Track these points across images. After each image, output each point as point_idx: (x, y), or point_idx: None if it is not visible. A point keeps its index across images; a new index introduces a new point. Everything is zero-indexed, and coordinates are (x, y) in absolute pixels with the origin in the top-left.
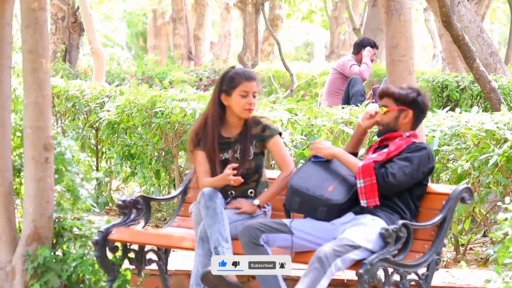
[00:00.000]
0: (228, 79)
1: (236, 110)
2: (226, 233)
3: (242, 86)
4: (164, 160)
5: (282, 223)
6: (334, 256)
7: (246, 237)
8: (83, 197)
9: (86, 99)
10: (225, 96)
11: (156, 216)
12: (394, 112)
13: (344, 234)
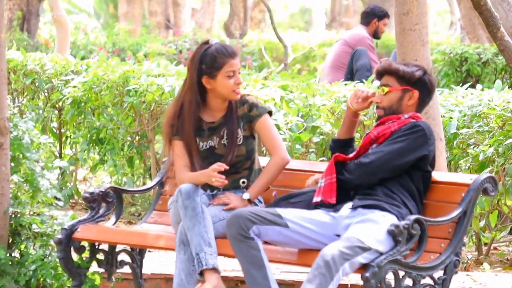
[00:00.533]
0: (209, 59)
1: (223, 92)
2: (208, 236)
3: (228, 65)
4: (138, 146)
5: (276, 214)
6: (343, 259)
7: (234, 228)
8: (44, 189)
9: (47, 75)
10: (208, 79)
11: (129, 210)
12: (398, 92)
13: (352, 232)
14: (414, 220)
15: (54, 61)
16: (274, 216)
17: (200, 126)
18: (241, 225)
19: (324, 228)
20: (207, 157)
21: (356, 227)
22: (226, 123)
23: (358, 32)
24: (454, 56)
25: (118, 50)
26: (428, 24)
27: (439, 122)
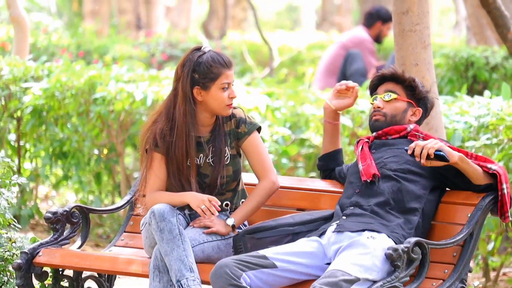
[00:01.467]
0: (204, 69)
1: (214, 106)
2: (189, 260)
3: (223, 76)
4: (106, 160)
5: (260, 256)
6: None
7: (223, 280)
8: (1, 209)
9: (4, 81)
10: (200, 90)
11: (96, 232)
12: (403, 103)
13: (336, 264)
14: (415, 243)
15: (12, 65)
16: (259, 258)
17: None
18: (230, 275)
19: (313, 258)
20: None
21: (342, 255)
22: (214, 139)
23: (358, 34)
24: (459, 60)
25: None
26: (430, 25)
27: (442, 134)
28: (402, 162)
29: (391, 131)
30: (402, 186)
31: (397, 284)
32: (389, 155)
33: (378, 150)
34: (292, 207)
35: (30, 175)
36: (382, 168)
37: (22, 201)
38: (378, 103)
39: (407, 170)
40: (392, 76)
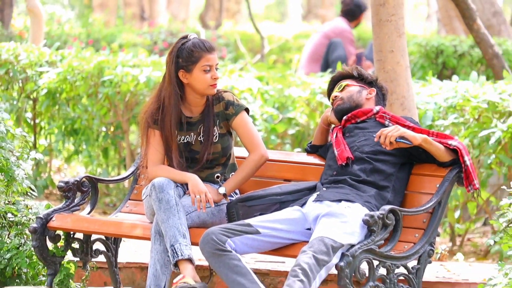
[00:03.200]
0: (186, 53)
1: (199, 87)
2: (183, 228)
3: (204, 59)
4: (113, 137)
5: (245, 224)
6: (319, 266)
7: (210, 245)
8: (19, 179)
9: (21, 65)
10: (184, 73)
11: (103, 201)
12: (355, 87)
13: (321, 230)
14: (389, 210)
15: (29, 51)
16: (244, 226)
17: (180, 120)
18: (216, 241)
19: (295, 224)
20: (184, 151)
21: (324, 223)
22: (203, 120)
23: (339, 25)
24: (430, 48)
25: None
26: (404, 15)
27: (414, 114)
28: (373, 144)
29: (359, 113)
30: (374, 166)
31: (373, 247)
32: (361, 139)
33: (351, 134)
34: (279, 178)
35: (44, 150)
36: (355, 151)
37: (37, 173)
38: (335, 94)
39: (378, 151)
40: (339, 76)
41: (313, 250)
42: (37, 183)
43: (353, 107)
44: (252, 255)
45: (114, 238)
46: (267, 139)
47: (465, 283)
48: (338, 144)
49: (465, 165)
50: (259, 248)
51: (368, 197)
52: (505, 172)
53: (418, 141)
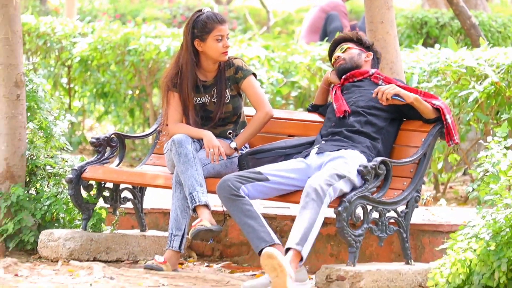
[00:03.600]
0: (200, 25)
1: (212, 55)
2: (200, 178)
3: (217, 30)
4: (138, 99)
5: (256, 172)
6: (326, 185)
7: (226, 191)
8: (56, 135)
9: (57, 37)
10: (199, 42)
11: (130, 155)
12: (355, 50)
13: (327, 167)
14: (380, 162)
15: (64, 24)
16: (255, 173)
17: (196, 83)
18: (231, 187)
19: (300, 173)
20: (199, 111)
21: (329, 164)
22: (216, 83)
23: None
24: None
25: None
26: None
27: (402, 77)
28: (367, 100)
29: (356, 74)
30: (367, 119)
31: (366, 194)
32: (357, 95)
33: (348, 91)
34: (284, 134)
35: (78, 111)
36: (352, 105)
37: (72, 131)
38: (337, 54)
39: (372, 107)
40: (341, 38)
41: (320, 176)
42: (72, 140)
43: (354, 67)
44: (261, 202)
45: (139, 187)
46: (273, 100)
47: (447, 225)
48: (337, 99)
49: (446, 122)
50: (267, 194)
51: (363, 147)
52: (481, 127)
53: (410, 99)
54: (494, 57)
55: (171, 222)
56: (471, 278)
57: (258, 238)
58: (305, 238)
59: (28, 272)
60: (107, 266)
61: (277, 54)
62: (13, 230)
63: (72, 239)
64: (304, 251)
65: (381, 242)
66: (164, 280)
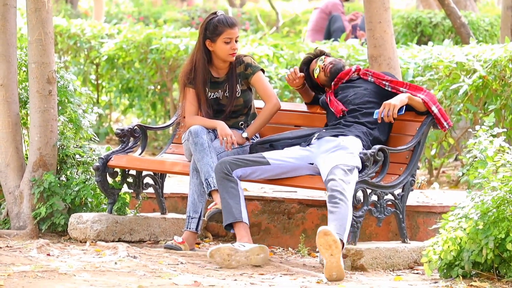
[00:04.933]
0: (212, 27)
1: (220, 55)
2: (214, 165)
3: (226, 33)
4: (159, 93)
5: (259, 156)
6: (346, 184)
7: (220, 169)
8: (85, 127)
9: (87, 37)
10: (210, 42)
11: (152, 145)
12: (329, 57)
13: (335, 161)
14: (379, 149)
15: (92, 26)
16: (258, 157)
17: (209, 79)
18: (224, 167)
19: (300, 159)
20: (213, 105)
21: (334, 156)
22: (228, 79)
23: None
24: (410, 19)
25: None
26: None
27: (398, 71)
28: (361, 96)
29: (342, 75)
30: (364, 112)
31: (366, 178)
32: (351, 94)
33: (343, 91)
34: (291, 124)
35: (105, 105)
36: (349, 104)
37: (100, 123)
38: (320, 64)
39: (366, 101)
40: (309, 59)
41: (335, 176)
42: (100, 131)
43: (342, 66)
44: (271, 187)
45: (160, 174)
46: (281, 94)
47: (440, 206)
48: (332, 104)
49: (433, 113)
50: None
51: (359, 132)
52: (471, 117)
53: (406, 102)
54: (482, 53)
55: (188, 206)
56: (462, 255)
57: (229, 213)
58: (344, 229)
59: (59, 252)
60: (131, 246)
61: (285, 51)
62: (45, 213)
63: (99, 221)
64: (344, 239)
65: (380, 222)
66: (182, 258)
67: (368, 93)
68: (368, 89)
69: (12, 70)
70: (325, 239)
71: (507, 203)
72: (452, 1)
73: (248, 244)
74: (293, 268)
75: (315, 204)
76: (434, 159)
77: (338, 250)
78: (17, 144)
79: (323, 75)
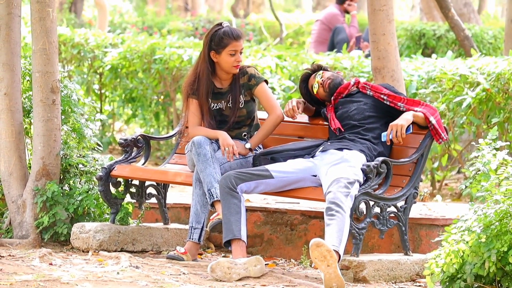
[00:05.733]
0: (217, 39)
1: (224, 66)
2: (217, 176)
3: (231, 46)
4: (162, 103)
5: (263, 169)
6: (344, 197)
7: (224, 183)
8: (88, 136)
9: (90, 47)
10: (215, 53)
11: (155, 155)
12: (327, 72)
13: (336, 174)
14: (382, 161)
15: (96, 35)
16: (261, 171)
17: (212, 90)
18: (229, 182)
19: (304, 172)
20: (216, 115)
21: (336, 168)
22: (231, 90)
23: (331, 11)
24: (414, 32)
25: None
26: (393, 6)
27: (402, 84)
28: (362, 112)
29: (341, 90)
30: (366, 127)
31: (369, 190)
32: (352, 109)
33: (343, 106)
34: (294, 135)
35: (108, 114)
36: (349, 120)
37: (103, 132)
38: (319, 80)
39: (368, 117)
40: (307, 75)
41: (335, 188)
42: (102, 140)
43: (340, 81)
44: (274, 198)
45: (163, 184)
46: (284, 105)
47: (442, 219)
48: (330, 122)
49: (431, 124)
50: (271, 189)
51: (363, 146)
52: (474, 130)
53: (412, 120)
54: (486, 66)
55: (191, 216)
56: (464, 268)
57: (228, 230)
58: (339, 241)
59: (61, 261)
60: (133, 256)
61: (288, 63)
62: (48, 223)
63: (101, 231)
64: (341, 250)
65: (382, 234)
66: (184, 269)
67: (368, 107)
68: (368, 104)
69: (16, 79)
70: (318, 251)
71: (510, 217)
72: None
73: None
74: (295, 280)
75: (318, 216)
76: (437, 172)
77: (334, 260)
78: (20, 153)
79: (322, 90)
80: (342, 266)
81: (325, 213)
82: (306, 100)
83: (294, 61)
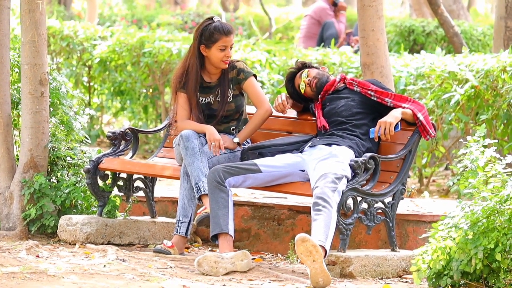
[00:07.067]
0: (208, 34)
1: (214, 61)
2: (205, 170)
3: (221, 41)
4: (151, 97)
5: (251, 163)
6: (331, 192)
7: (212, 177)
8: (76, 129)
9: (79, 39)
10: (205, 48)
11: (144, 148)
12: (313, 69)
13: (324, 169)
14: (370, 157)
15: (85, 28)
16: (250, 165)
17: (201, 84)
18: (217, 176)
19: (292, 167)
20: (204, 109)
21: (324, 164)
22: (220, 84)
23: (319, 5)
24: (403, 28)
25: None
26: (383, 1)
27: (391, 80)
28: (349, 108)
29: (328, 87)
30: (354, 124)
31: (357, 186)
32: (340, 106)
33: (331, 102)
34: (283, 130)
35: (97, 107)
36: (337, 117)
37: (91, 125)
38: (305, 80)
39: (355, 113)
40: (292, 73)
41: (322, 183)
42: (91, 133)
43: (327, 79)
44: (261, 192)
45: (151, 177)
46: (273, 100)
47: (430, 215)
48: (317, 120)
49: (419, 121)
50: (259, 184)
51: (351, 142)
52: (462, 127)
53: (400, 117)
54: (474, 63)
55: (178, 210)
56: (451, 264)
57: (215, 224)
58: (326, 236)
59: (48, 254)
60: (120, 249)
61: (278, 57)
62: (35, 215)
63: (88, 224)
64: (327, 245)
65: (369, 230)
66: (171, 262)
67: (356, 104)
68: (356, 100)
69: (4, 71)
70: (304, 246)
71: (497, 214)
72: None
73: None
74: (282, 275)
75: (305, 211)
76: (425, 168)
77: (320, 255)
78: (8, 145)
79: (310, 90)
80: (329, 262)
81: (312, 208)
82: (293, 98)
83: (283, 55)
